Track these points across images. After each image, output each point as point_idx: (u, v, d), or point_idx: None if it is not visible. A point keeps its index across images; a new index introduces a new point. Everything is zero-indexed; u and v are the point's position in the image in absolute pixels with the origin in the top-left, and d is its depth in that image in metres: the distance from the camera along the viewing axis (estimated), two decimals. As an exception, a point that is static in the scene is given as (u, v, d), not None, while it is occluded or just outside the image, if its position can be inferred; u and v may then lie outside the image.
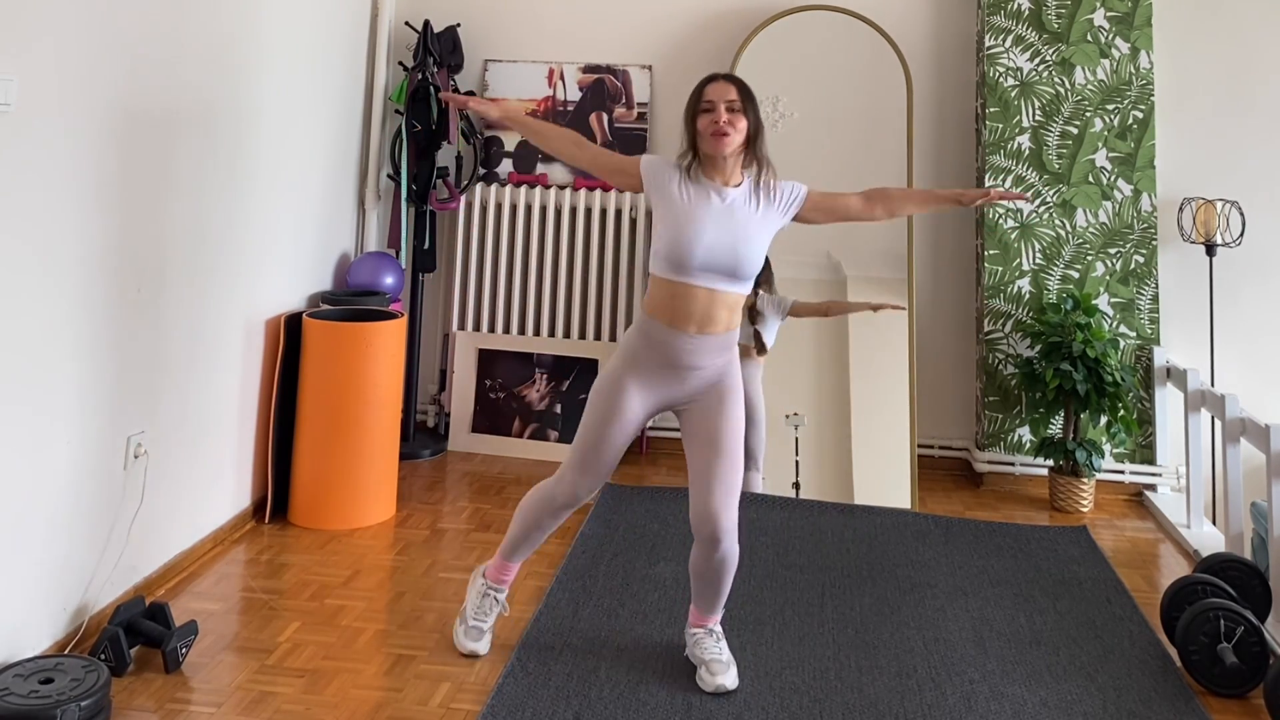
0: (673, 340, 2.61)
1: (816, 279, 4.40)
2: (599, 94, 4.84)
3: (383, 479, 3.80)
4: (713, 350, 2.62)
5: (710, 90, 2.63)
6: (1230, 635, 2.79)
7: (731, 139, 2.58)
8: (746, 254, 2.58)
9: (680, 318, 2.59)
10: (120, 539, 2.96)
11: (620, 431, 2.69)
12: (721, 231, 2.57)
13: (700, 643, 2.79)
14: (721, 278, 2.58)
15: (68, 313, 2.75)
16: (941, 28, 4.75)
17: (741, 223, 2.60)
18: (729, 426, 2.65)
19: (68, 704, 2.32)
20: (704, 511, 2.64)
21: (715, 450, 2.64)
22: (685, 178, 2.64)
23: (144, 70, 3.04)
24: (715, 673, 2.71)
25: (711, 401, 2.66)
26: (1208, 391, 3.91)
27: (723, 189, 2.62)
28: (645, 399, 2.68)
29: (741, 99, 2.61)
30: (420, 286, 4.67)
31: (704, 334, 2.60)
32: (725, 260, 2.56)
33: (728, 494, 2.64)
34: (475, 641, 2.87)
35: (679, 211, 2.60)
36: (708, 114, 2.60)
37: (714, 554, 2.67)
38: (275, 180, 3.85)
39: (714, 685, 2.69)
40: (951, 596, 3.29)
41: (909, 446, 4.21)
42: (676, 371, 2.64)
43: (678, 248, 2.57)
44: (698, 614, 2.83)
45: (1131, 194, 4.41)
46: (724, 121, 2.58)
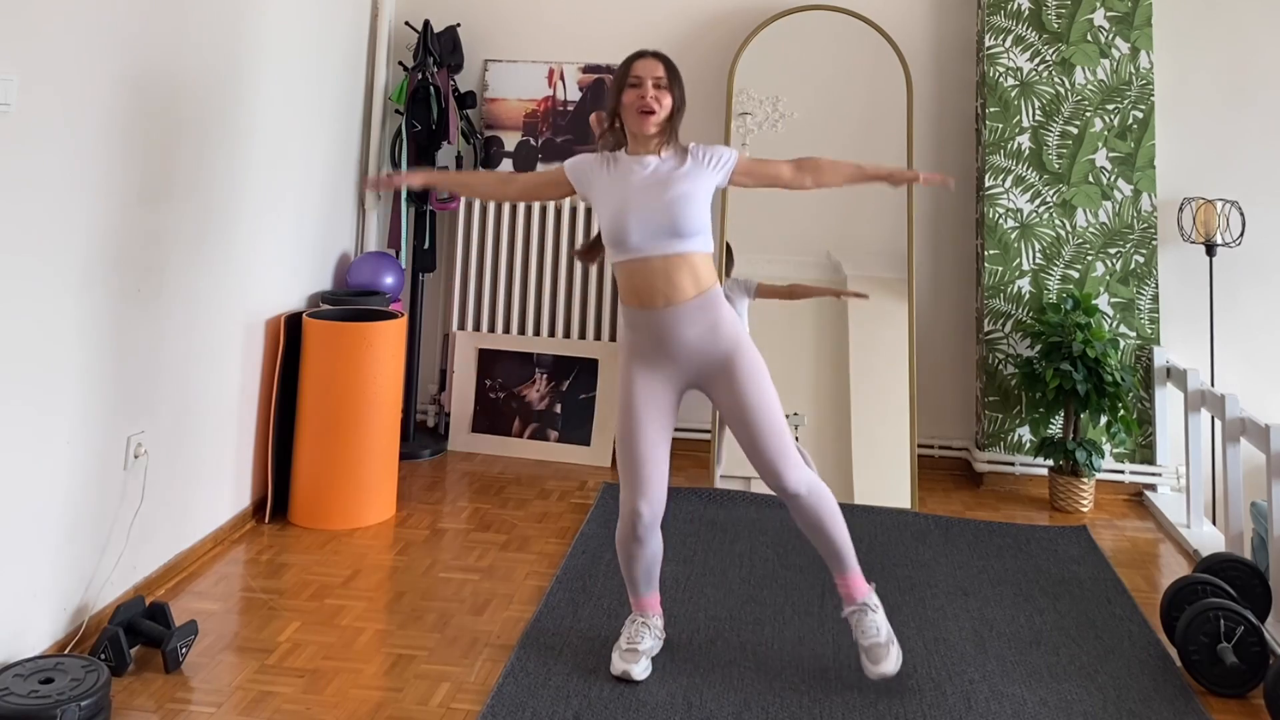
0: (648, 319, 2.63)
1: (816, 279, 4.40)
2: (599, 94, 4.83)
3: (383, 479, 3.80)
4: (691, 317, 2.62)
5: (638, 66, 2.69)
6: (1230, 635, 2.79)
7: (657, 115, 2.65)
8: (680, 209, 2.60)
9: (645, 295, 2.62)
10: (120, 539, 2.97)
11: (648, 427, 2.66)
12: (651, 196, 2.62)
13: (857, 623, 2.72)
14: (664, 239, 2.60)
15: (68, 313, 2.75)
16: (941, 28, 4.75)
17: (666, 180, 2.64)
18: (753, 391, 2.64)
19: (68, 704, 2.32)
20: (766, 474, 2.66)
21: (748, 418, 2.63)
22: (608, 163, 2.71)
23: (144, 70, 3.04)
24: (876, 659, 2.65)
25: (726, 374, 2.65)
26: (1208, 391, 3.91)
27: (645, 158, 2.69)
28: (656, 386, 2.67)
29: (668, 76, 2.68)
30: (420, 286, 4.67)
31: (674, 305, 2.61)
32: (661, 220, 2.60)
33: (778, 453, 2.63)
34: (629, 663, 2.73)
35: (608, 194, 2.67)
36: (634, 89, 2.66)
37: (800, 509, 2.67)
38: (275, 180, 3.85)
39: (875, 674, 2.65)
40: (951, 596, 3.29)
41: (909, 446, 4.21)
42: (667, 348, 2.65)
43: (614, 226, 2.62)
44: (840, 580, 2.75)
45: (1131, 194, 4.41)
46: (650, 98, 2.63)
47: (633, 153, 2.71)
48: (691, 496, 4.01)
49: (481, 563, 3.47)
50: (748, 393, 2.64)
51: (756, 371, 2.66)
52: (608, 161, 2.72)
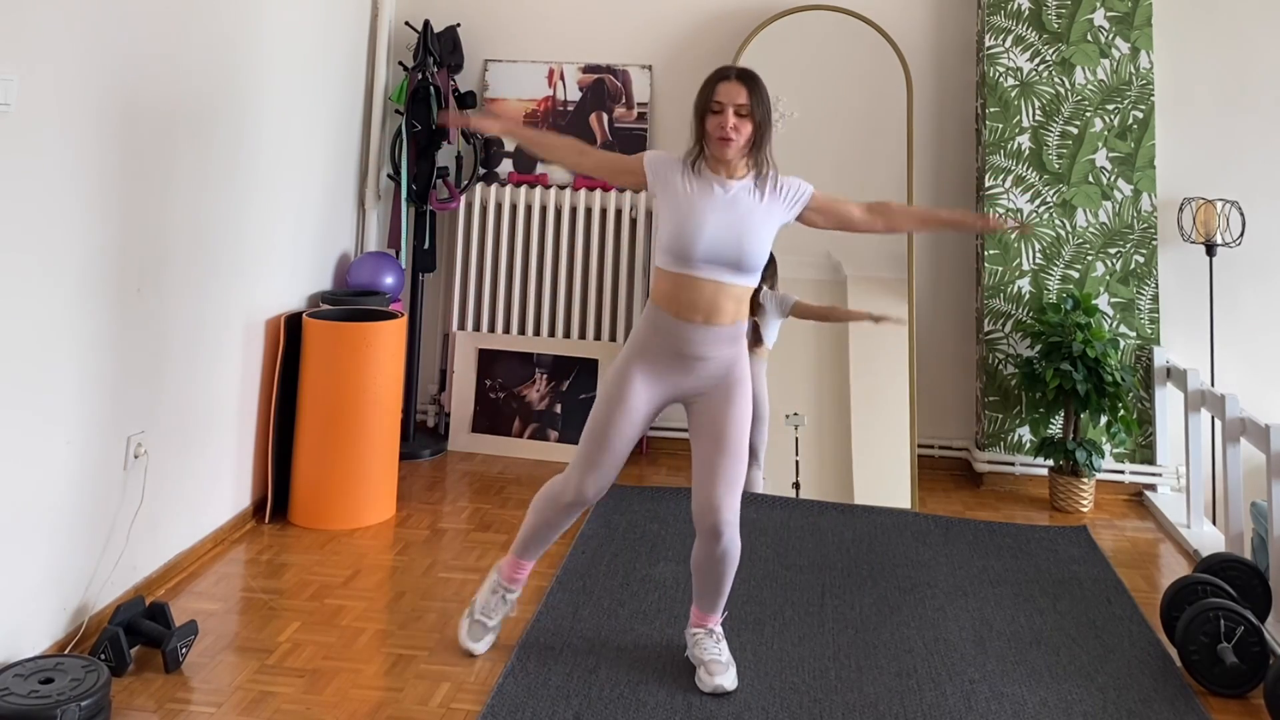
0: (680, 330, 2.62)
1: (816, 279, 4.40)
2: (599, 94, 4.84)
3: (383, 479, 3.80)
4: (720, 341, 2.63)
5: (721, 91, 2.62)
6: (1230, 635, 2.79)
7: (735, 144, 2.60)
8: (750, 245, 2.59)
9: (686, 308, 2.61)
10: (120, 539, 2.96)
11: (626, 422, 2.68)
12: (724, 223, 2.58)
13: (700, 643, 2.79)
14: (725, 269, 2.59)
15: (68, 313, 2.75)
16: (941, 28, 4.75)
17: (744, 214, 2.61)
18: (735, 421, 2.66)
19: (68, 704, 2.32)
20: (706, 503, 2.64)
21: (720, 444, 2.64)
22: (688, 171, 2.66)
23: (144, 70, 3.04)
24: (714, 673, 2.71)
25: (719, 395, 2.66)
26: (1208, 391, 3.91)
27: (726, 181, 2.64)
28: (652, 390, 2.68)
29: (751, 102, 2.61)
30: (420, 286, 4.67)
31: (710, 325, 2.61)
32: (729, 251, 2.57)
33: (730, 488, 2.64)
34: (476, 641, 2.87)
35: (682, 203, 2.62)
36: (716, 115, 2.61)
37: (715, 547, 2.67)
38: (275, 180, 3.85)
39: (712, 686, 2.69)
40: (951, 596, 3.29)
41: (909, 446, 4.21)
42: (684, 361, 2.64)
43: (681, 239, 2.59)
44: (699, 613, 2.82)
45: (1131, 194, 4.41)
46: (730, 127, 2.58)
47: (714, 170, 2.65)
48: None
49: (481, 563, 3.47)
50: (733, 422, 2.66)
51: (747, 406, 2.70)
52: (688, 169, 2.66)
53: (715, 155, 2.63)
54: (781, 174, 2.69)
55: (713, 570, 2.73)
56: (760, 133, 2.63)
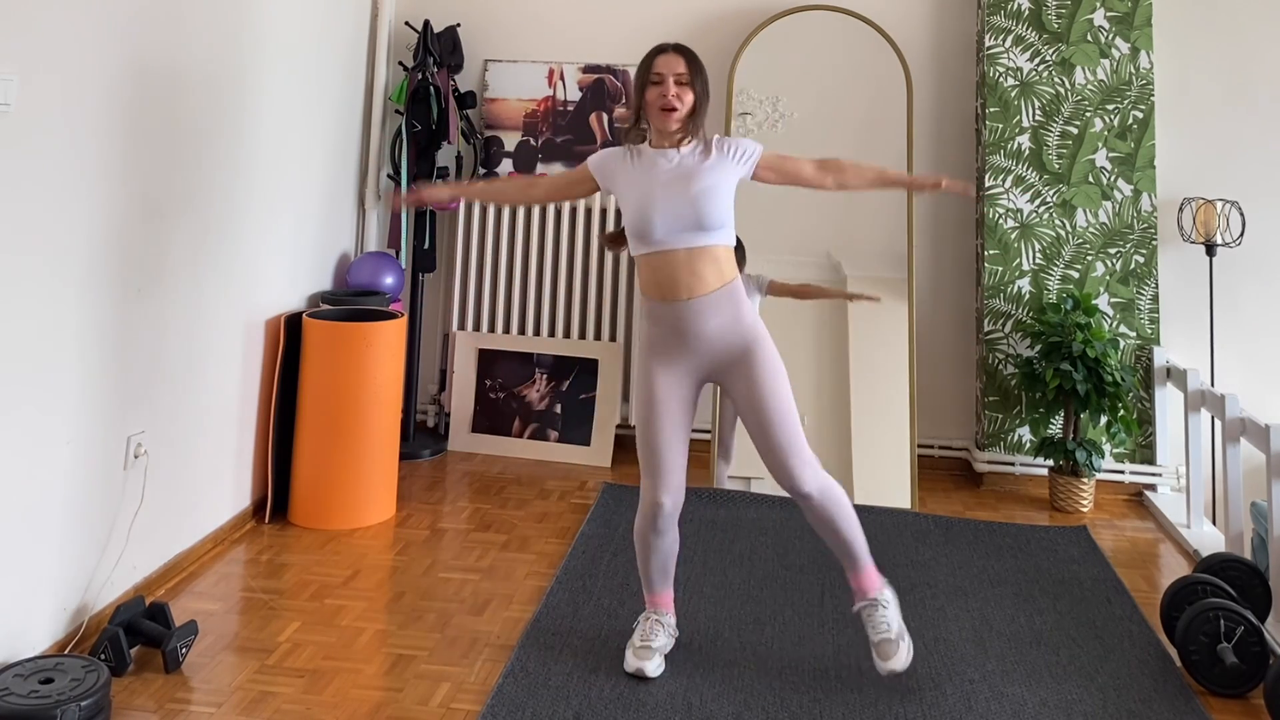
0: (670, 311, 2.64)
1: (816, 279, 4.39)
2: (599, 94, 4.84)
3: (383, 479, 3.80)
4: (714, 309, 2.63)
5: (659, 63, 2.68)
6: (1230, 635, 2.79)
7: (678, 113, 2.66)
8: (705, 202, 2.61)
9: (667, 287, 2.63)
10: (120, 539, 2.96)
11: (664, 419, 2.67)
12: (676, 190, 2.62)
13: (868, 619, 2.71)
14: (689, 232, 2.61)
15: (68, 312, 2.75)
16: (941, 28, 4.75)
17: (691, 173, 2.65)
18: (769, 384, 2.63)
19: (68, 704, 2.32)
20: (778, 471, 2.65)
21: (763, 411, 2.63)
22: (632, 156, 2.71)
23: (144, 70, 3.04)
24: (885, 655, 2.63)
25: (743, 368, 2.65)
26: (1208, 391, 3.90)
27: (668, 151, 2.69)
28: (675, 378, 2.68)
29: (690, 72, 2.67)
30: (420, 286, 4.67)
31: (696, 296, 2.62)
32: (686, 214, 2.60)
33: (792, 450, 2.62)
34: (644, 661, 2.74)
35: (632, 187, 2.67)
36: (656, 86, 2.66)
37: (812, 503, 2.64)
38: (275, 180, 3.85)
39: (885, 670, 2.63)
40: (951, 596, 3.29)
41: (909, 446, 4.21)
42: (686, 339, 2.65)
43: (639, 219, 2.63)
44: (852, 576, 2.74)
45: (1131, 194, 4.41)
46: (671, 95, 2.64)
47: (656, 146, 2.71)
48: (691, 496, 3.96)
49: (481, 563, 3.47)
50: (765, 384, 2.63)
51: (775, 365, 2.66)
52: (631, 154, 2.72)
53: (658, 127, 2.68)
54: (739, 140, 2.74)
55: (828, 525, 2.67)
56: (700, 102, 2.68)
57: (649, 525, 2.74)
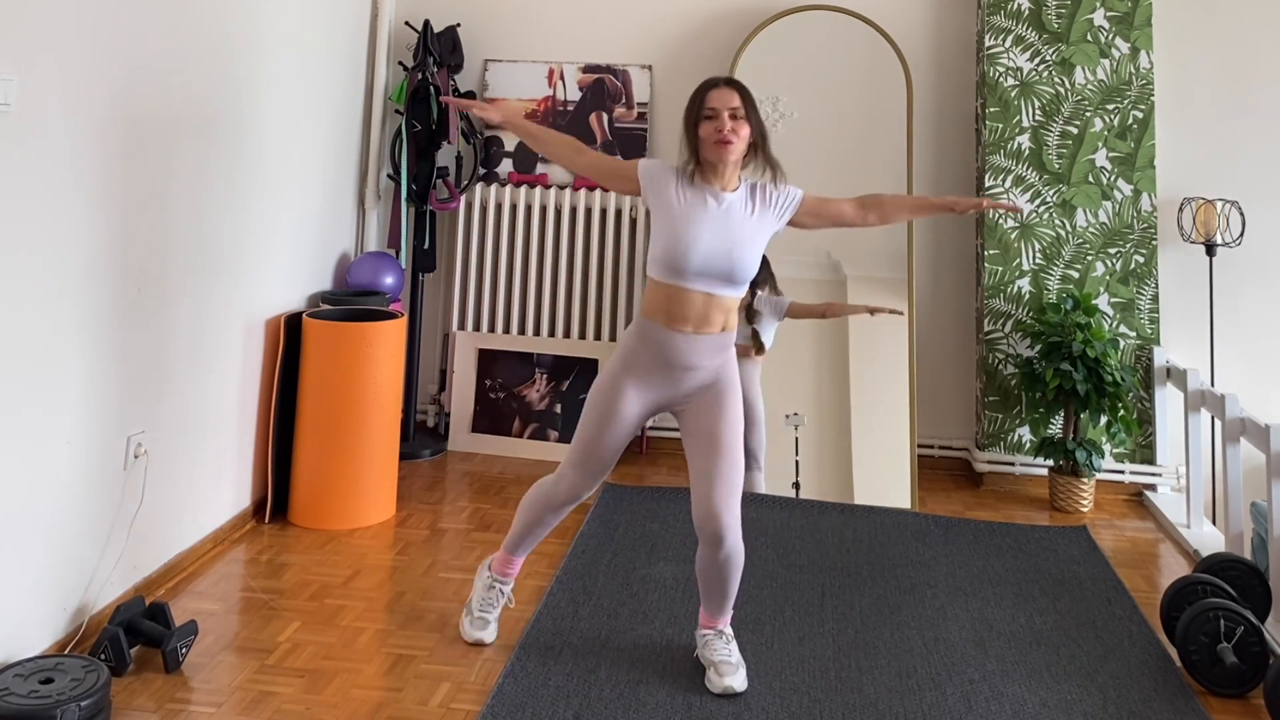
0: (669, 340, 2.62)
1: (817, 279, 4.40)
2: (599, 94, 4.84)
3: (383, 479, 3.80)
4: (709, 350, 2.64)
5: (713, 97, 2.63)
6: (1230, 635, 2.79)
7: (735, 146, 2.60)
8: (742, 258, 2.59)
9: (676, 319, 2.62)
10: (120, 539, 2.96)
11: (617, 432, 2.72)
12: (718, 236, 2.59)
13: (710, 644, 2.79)
14: (717, 282, 2.60)
15: (68, 313, 2.75)
16: (941, 28, 4.75)
17: (737, 226, 2.61)
18: (728, 425, 2.66)
19: (68, 704, 2.32)
20: (706, 510, 2.64)
21: (715, 449, 2.65)
22: (682, 182, 2.65)
23: (144, 70, 3.04)
24: (724, 674, 2.70)
25: (709, 401, 2.67)
26: (1208, 391, 3.91)
27: (720, 193, 2.63)
28: (643, 399, 2.70)
29: (745, 106, 2.62)
30: (420, 286, 4.67)
31: (700, 334, 2.62)
32: (721, 264, 2.58)
33: (729, 493, 2.65)
34: (480, 630, 2.92)
35: (676, 216, 2.61)
36: (710, 121, 2.61)
37: (718, 553, 2.67)
38: (275, 180, 3.85)
39: (722, 687, 2.68)
40: (951, 596, 3.29)
41: (909, 446, 4.21)
42: (673, 371, 2.65)
43: (674, 253, 2.58)
44: (707, 615, 2.83)
45: (1131, 194, 4.41)
46: (728, 130, 2.58)
47: (707, 181, 2.64)
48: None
49: (481, 563, 3.46)
50: (726, 427, 2.66)
51: (739, 411, 2.70)
52: (682, 179, 2.65)
53: (714, 160, 2.62)
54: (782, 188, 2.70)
55: (718, 576, 2.73)
56: (759, 137, 2.64)
57: (556, 505, 2.85)
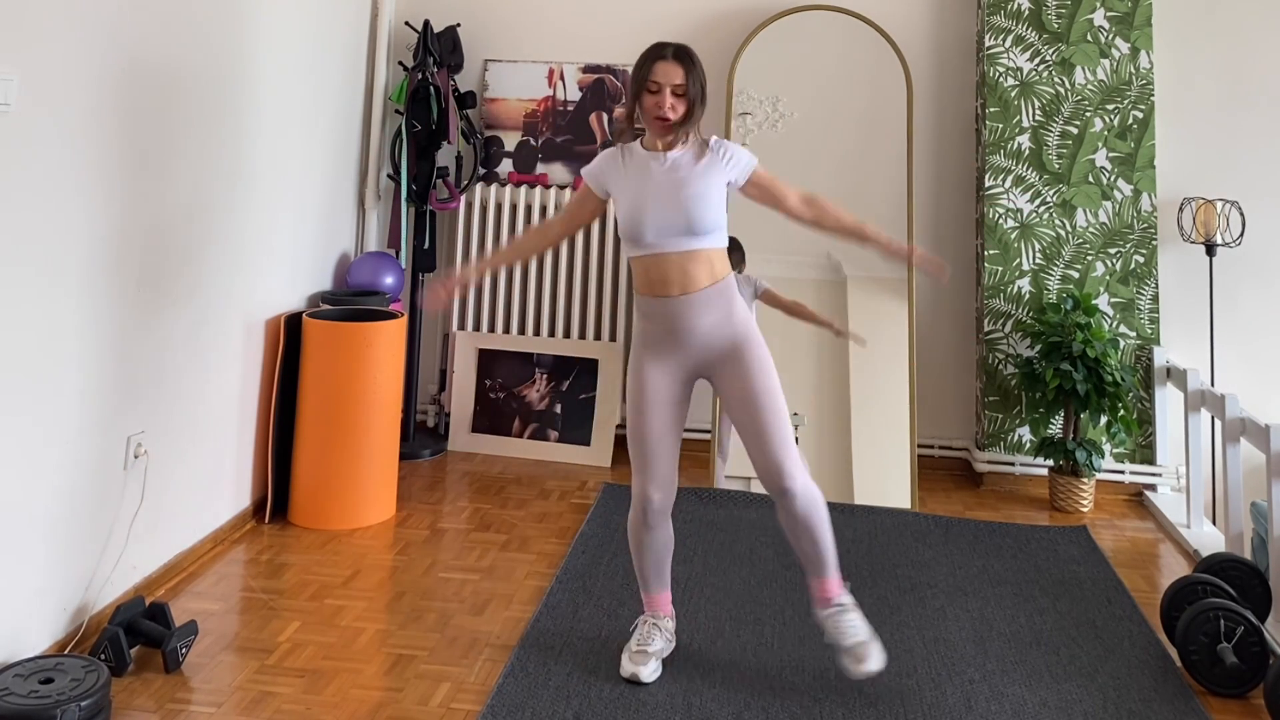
0: (662, 308, 2.65)
1: (816, 279, 4.40)
2: (599, 94, 4.84)
3: (383, 479, 3.80)
4: (706, 305, 2.64)
5: (658, 70, 2.65)
6: (1230, 635, 2.79)
7: (672, 123, 2.65)
8: (695, 208, 2.61)
9: (660, 285, 2.64)
10: (120, 539, 2.96)
11: (655, 413, 2.68)
12: (667, 195, 2.62)
13: (836, 624, 2.69)
14: (681, 236, 2.62)
15: (68, 312, 2.75)
16: (941, 28, 4.75)
17: (684, 179, 2.64)
18: (758, 381, 2.64)
19: (68, 704, 2.32)
20: (766, 466, 2.63)
21: (755, 406, 2.63)
22: (624, 157, 2.71)
23: (144, 70, 3.04)
24: (861, 658, 2.62)
25: (733, 363, 2.66)
26: (1208, 391, 3.90)
27: (660, 154, 2.69)
28: (666, 373, 2.69)
29: (687, 82, 2.64)
30: (420, 286, 4.67)
31: (688, 293, 2.63)
32: (677, 219, 2.61)
33: (783, 443, 2.62)
34: (639, 666, 2.73)
35: (625, 191, 2.68)
36: (652, 95, 2.64)
37: (794, 505, 2.63)
38: (275, 180, 3.85)
39: (860, 673, 2.62)
40: (951, 596, 3.29)
41: (909, 446, 4.21)
42: (679, 335, 2.66)
43: (631, 223, 2.64)
44: (818, 583, 2.73)
45: (1131, 194, 4.41)
46: (667, 108, 2.62)
47: (649, 146, 2.70)
48: (691, 496, 4.01)
49: (481, 563, 3.47)
50: (757, 379, 2.64)
51: (765, 361, 2.67)
52: (624, 154, 2.72)
53: (652, 133, 2.68)
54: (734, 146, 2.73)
55: (805, 528, 2.66)
56: (692, 109, 2.66)
57: (640, 521, 2.74)
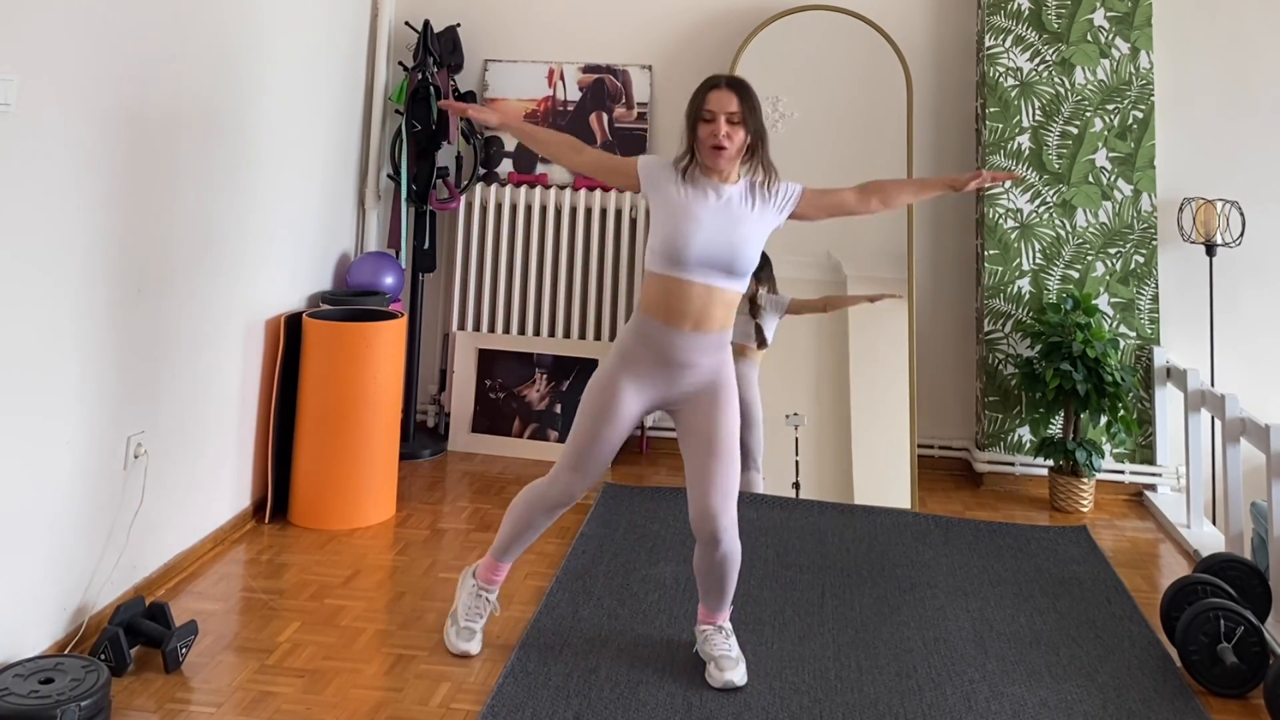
0: (667, 337, 2.62)
1: (817, 278, 4.40)
2: (599, 94, 4.84)
3: (383, 479, 3.80)
4: (707, 348, 2.63)
5: (712, 99, 2.63)
6: (1230, 635, 2.79)
7: (727, 152, 2.61)
8: (742, 250, 2.60)
9: (675, 315, 2.61)
10: (120, 539, 2.96)
11: (614, 431, 2.70)
12: (718, 227, 2.59)
13: (709, 639, 2.80)
14: (717, 273, 2.59)
15: (68, 313, 2.75)
16: (941, 28, 4.75)
17: (737, 219, 2.62)
18: (724, 426, 2.66)
19: (68, 704, 2.32)
20: (703, 511, 2.65)
21: (711, 450, 2.65)
22: (682, 177, 2.66)
23: (144, 70, 3.04)
24: (724, 669, 2.71)
25: (705, 401, 2.67)
26: (1208, 391, 3.91)
27: (719, 186, 2.64)
28: (639, 398, 2.69)
29: (742, 110, 2.61)
30: (420, 286, 4.67)
31: (699, 331, 2.61)
32: (721, 255, 2.58)
33: (725, 493, 2.65)
34: (467, 642, 2.87)
35: (676, 207, 2.62)
36: (707, 124, 2.61)
37: (715, 553, 2.69)
38: (275, 180, 3.85)
39: (722, 681, 2.70)
40: (951, 596, 3.29)
41: (909, 446, 4.21)
42: (670, 369, 2.65)
43: (674, 242, 2.59)
44: (705, 611, 2.84)
45: (1131, 194, 4.41)
46: (723, 135, 2.59)
47: (706, 175, 2.65)
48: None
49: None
50: (725, 423, 2.66)
51: (735, 411, 2.70)
52: (681, 174, 2.66)
53: (707, 164, 2.63)
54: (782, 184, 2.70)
55: (715, 575, 2.75)
56: (757, 140, 2.64)
57: (549, 507, 2.80)
